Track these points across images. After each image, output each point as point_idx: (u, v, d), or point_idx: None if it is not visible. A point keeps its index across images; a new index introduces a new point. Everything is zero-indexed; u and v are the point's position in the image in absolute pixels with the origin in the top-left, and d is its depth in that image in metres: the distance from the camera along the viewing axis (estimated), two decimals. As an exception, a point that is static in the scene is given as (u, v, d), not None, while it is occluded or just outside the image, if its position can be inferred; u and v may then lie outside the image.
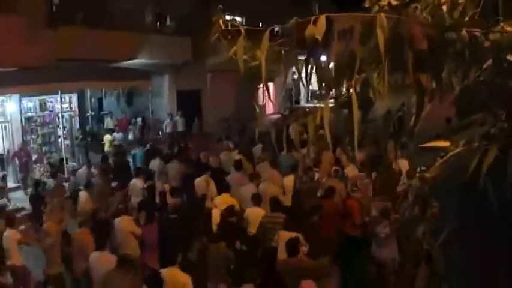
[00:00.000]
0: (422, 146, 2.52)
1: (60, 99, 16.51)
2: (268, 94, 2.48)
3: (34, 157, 15.45)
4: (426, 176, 2.46)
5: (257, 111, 17.00)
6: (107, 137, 17.38)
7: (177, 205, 8.99)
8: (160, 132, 20.13)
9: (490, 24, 2.21)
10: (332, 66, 2.19)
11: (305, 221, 8.22)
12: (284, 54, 2.21)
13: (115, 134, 17.89)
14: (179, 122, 20.09)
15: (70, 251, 8.01)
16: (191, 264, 6.84)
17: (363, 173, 10.27)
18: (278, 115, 23.68)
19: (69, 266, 8.06)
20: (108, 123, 20.00)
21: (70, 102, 17.69)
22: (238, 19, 20.48)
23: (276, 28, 2.21)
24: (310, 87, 2.36)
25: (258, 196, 9.03)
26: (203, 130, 20.97)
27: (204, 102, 22.52)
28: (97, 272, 7.08)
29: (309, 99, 30.55)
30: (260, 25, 2.35)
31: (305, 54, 2.16)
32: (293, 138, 2.28)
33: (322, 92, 2.26)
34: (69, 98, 17.53)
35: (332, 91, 2.26)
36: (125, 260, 6.64)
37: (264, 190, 9.58)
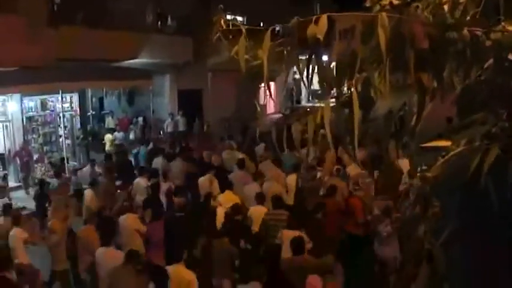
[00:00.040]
0: (423, 146, 2.52)
1: (61, 98, 16.53)
2: (270, 93, 2.48)
3: (35, 156, 15.46)
4: (427, 176, 2.46)
5: (258, 110, 16.97)
6: (108, 137, 17.40)
7: (182, 204, 9.01)
8: (161, 131, 20.13)
9: (491, 23, 2.21)
10: (333, 65, 2.19)
11: (308, 219, 8.22)
12: (286, 53, 2.21)
13: (116, 134, 17.90)
14: (180, 122, 20.08)
15: (75, 249, 8.02)
16: (196, 261, 6.85)
17: (365, 172, 10.25)
18: (279, 115, 23.67)
19: (74, 263, 8.07)
20: (109, 122, 20.01)
21: (71, 101, 17.69)
22: (239, 19, 20.45)
23: (277, 28, 2.21)
24: (311, 86, 2.35)
25: (262, 195, 9.08)
26: (204, 130, 20.96)
27: (205, 101, 22.52)
28: (103, 268, 7.08)
29: (310, 98, 30.53)
30: (261, 25, 2.36)
31: (306, 53, 2.16)
32: (294, 137, 2.28)
33: (323, 92, 2.25)
34: (70, 98, 17.53)
35: (333, 90, 2.26)
36: (132, 256, 6.66)
37: (268, 189, 9.60)
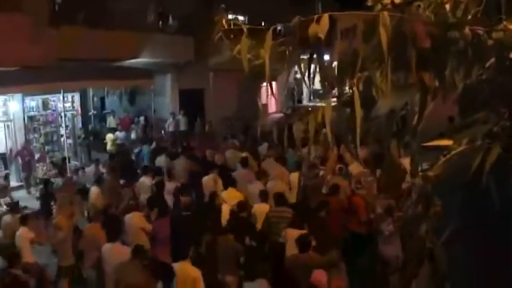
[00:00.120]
0: (425, 145, 2.52)
1: (62, 98, 16.54)
2: (272, 93, 2.47)
3: (37, 156, 15.47)
4: (429, 175, 2.46)
5: (259, 110, 16.96)
6: (109, 136, 17.39)
7: (188, 203, 9.05)
8: (162, 131, 20.13)
9: (493, 22, 2.21)
10: (335, 65, 2.19)
11: (311, 217, 8.23)
12: (287, 53, 2.21)
13: (117, 133, 17.89)
14: (181, 121, 20.06)
15: (81, 246, 8.02)
16: (202, 258, 6.88)
17: (367, 170, 10.26)
18: (280, 114, 23.65)
19: (80, 260, 8.08)
20: (110, 122, 19.99)
21: (73, 101, 17.68)
22: (240, 18, 20.44)
23: (279, 27, 2.21)
24: (312, 86, 2.35)
25: (266, 193, 9.10)
26: (206, 129, 20.95)
27: (207, 101, 22.51)
28: (110, 263, 7.10)
29: (312, 98, 30.52)
30: (262, 24, 2.36)
31: (308, 53, 2.16)
32: (295, 136, 2.28)
33: (324, 91, 2.25)
34: (71, 97, 17.53)
35: (334, 90, 2.26)
36: (139, 251, 6.69)
37: (272, 188, 9.61)
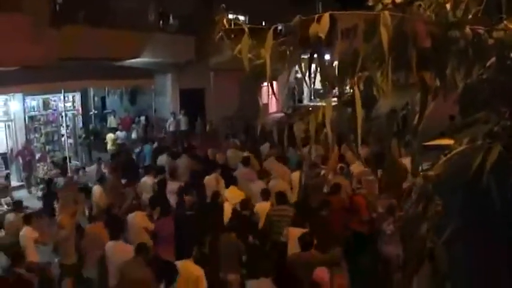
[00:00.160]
0: (426, 144, 2.52)
1: (63, 98, 16.53)
2: (272, 92, 2.47)
3: (37, 156, 15.45)
4: (430, 174, 2.46)
5: (260, 109, 16.96)
6: (110, 136, 17.39)
7: (192, 202, 9.10)
8: (163, 130, 20.13)
9: (494, 21, 2.21)
10: (336, 64, 2.19)
11: (312, 216, 8.24)
12: (288, 53, 2.21)
13: (118, 133, 17.89)
14: (182, 121, 20.06)
15: (84, 245, 8.01)
16: (204, 257, 6.91)
17: (368, 170, 10.26)
18: (281, 114, 23.65)
19: (82, 259, 8.07)
20: (111, 122, 19.99)
21: (73, 101, 17.68)
22: (241, 18, 20.43)
23: (280, 27, 2.21)
24: (313, 85, 2.35)
25: (267, 191, 9.12)
26: (206, 129, 20.95)
27: (207, 100, 22.50)
28: (113, 261, 7.12)
29: (312, 97, 30.50)
30: (263, 24, 2.36)
31: (308, 52, 2.16)
32: (296, 135, 2.28)
33: (325, 91, 2.25)
34: (72, 97, 17.52)
35: (335, 89, 2.26)
36: (142, 249, 6.72)
37: (274, 187, 9.62)
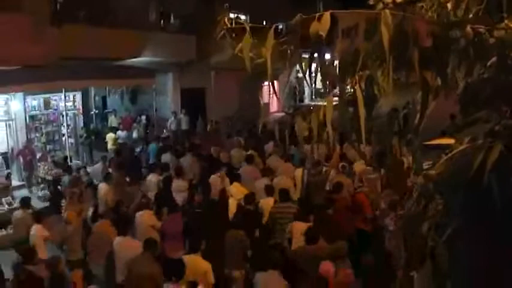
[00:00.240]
0: (427, 143, 2.52)
1: (64, 97, 16.52)
2: (274, 91, 2.48)
3: (38, 155, 15.43)
4: (431, 173, 2.47)
5: (261, 109, 16.98)
6: (110, 135, 17.37)
7: (200, 200, 9.24)
8: (164, 130, 20.13)
9: (495, 21, 2.21)
10: (337, 63, 2.19)
11: (315, 213, 8.27)
12: (289, 52, 2.21)
13: (119, 132, 17.89)
14: (183, 120, 20.05)
15: (91, 242, 8.01)
16: (212, 252, 6.96)
17: (370, 168, 10.28)
18: (282, 113, 23.65)
19: (88, 255, 8.09)
20: (112, 121, 19.97)
21: (74, 100, 17.67)
22: (242, 17, 20.42)
23: (280, 26, 2.21)
24: (314, 85, 2.36)
25: (271, 187, 9.21)
26: (207, 128, 20.94)
27: (208, 100, 22.49)
28: (121, 257, 7.17)
29: (313, 97, 30.49)
30: (264, 23, 2.36)
31: (309, 52, 2.16)
32: (298, 134, 2.29)
33: (326, 90, 2.26)
34: (73, 96, 17.51)
35: (336, 89, 2.26)
36: (150, 244, 6.78)
37: (278, 184, 9.69)
